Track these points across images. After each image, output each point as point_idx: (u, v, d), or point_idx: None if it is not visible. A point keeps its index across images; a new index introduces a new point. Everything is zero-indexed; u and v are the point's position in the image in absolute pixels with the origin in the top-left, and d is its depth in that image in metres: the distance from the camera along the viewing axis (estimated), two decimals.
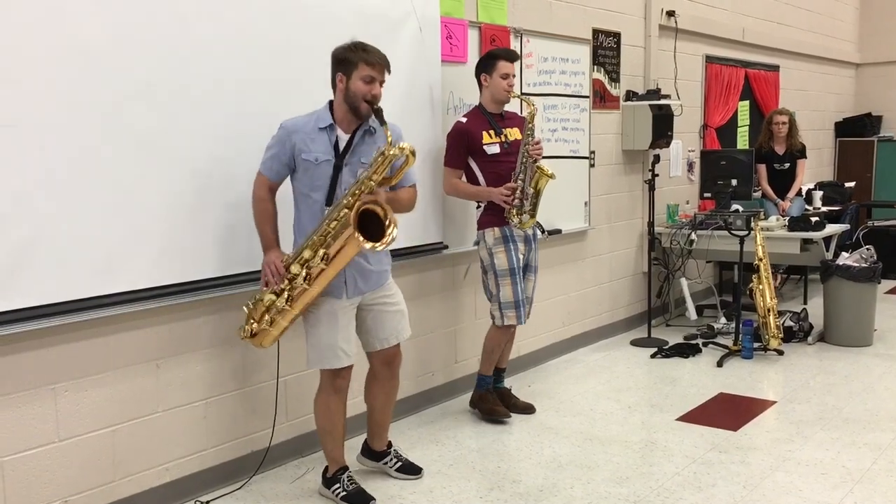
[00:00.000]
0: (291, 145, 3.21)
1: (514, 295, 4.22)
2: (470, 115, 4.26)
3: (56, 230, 2.91)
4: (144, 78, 3.14)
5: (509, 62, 4.20)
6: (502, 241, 4.21)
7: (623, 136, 6.16)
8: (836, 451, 3.90)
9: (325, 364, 3.32)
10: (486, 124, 4.21)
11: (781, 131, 7.13)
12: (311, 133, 3.23)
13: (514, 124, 4.32)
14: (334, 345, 3.29)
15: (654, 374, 5.24)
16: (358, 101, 3.19)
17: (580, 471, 3.73)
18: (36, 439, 2.98)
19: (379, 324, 3.45)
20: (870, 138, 10.07)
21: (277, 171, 3.26)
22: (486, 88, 4.24)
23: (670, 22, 6.51)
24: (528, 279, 4.37)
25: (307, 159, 3.21)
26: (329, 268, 3.13)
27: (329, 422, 3.41)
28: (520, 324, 4.31)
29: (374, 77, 3.19)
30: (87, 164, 2.98)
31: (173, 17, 3.22)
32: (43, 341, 2.97)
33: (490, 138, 4.19)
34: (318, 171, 3.22)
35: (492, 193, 4.15)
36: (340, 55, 3.24)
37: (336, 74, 3.25)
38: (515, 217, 4.14)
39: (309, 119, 3.27)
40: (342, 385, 3.39)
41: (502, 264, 4.20)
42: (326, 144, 3.23)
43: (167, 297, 3.28)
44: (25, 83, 2.81)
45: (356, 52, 3.20)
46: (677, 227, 6.30)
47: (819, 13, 9.40)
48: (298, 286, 3.16)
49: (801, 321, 5.95)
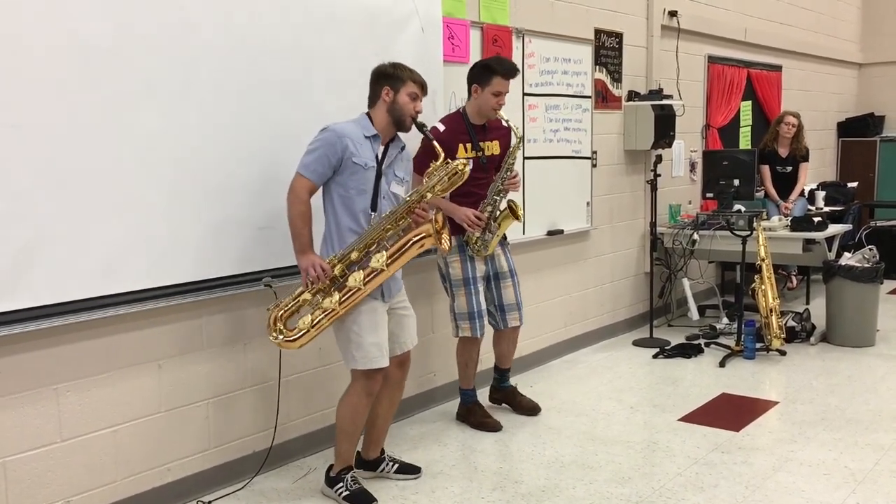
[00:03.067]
0: (343, 147, 3.25)
1: (468, 306, 4.12)
2: (449, 122, 4.06)
3: (58, 230, 2.91)
4: (146, 78, 3.14)
5: (505, 80, 3.99)
6: (457, 250, 4.08)
7: (625, 137, 6.16)
8: (839, 452, 3.90)
9: (372, 363, 3.33)
10: (465, 136, 4.04)
11: (789, 133, 7.11)
12: (359, 139, 3.31)
13: (496, 137, 4.16)
14: (379, 343, 3.34)
15: (656, 375, 5.24)
16: (404, 115, 3.36)
17: (582, 471, 3.73)
18: (38, 439, 2.98)
19: (400, 328, 3.53)
20: (872, 138, 10.06)
21: (321, 174, 3.27)
22: (474, 99, 4.04)
23: (672, 22, 6.51)
24: (506, 286, 4.25)
25: (357, 163, 3.27)
26: (389, 269, 3.24)
27: (352, 424, 3.42)
28: (474, 336, 4.15)
29: (417, 94, 3.38)
30: (89, 165, 2.98)
31: (176, 17, 3.22)
32: (45, 341, 2.97)
33: (465, 153, 4.02)
34: (365, 176, 3.30)
35: (457, 212, 3.96)
36: (388, 71, 3.39)
37: (382, 88, 3.36)
38: (473, 244, 4.06)
39: (353, 125, 3.34)
40: (374, 388, 3.40)
41: (457, 274, 4.12)
42: (370, 152, 3.33)
43: (169, 298, 3.28)
44: (27, 83, 2.81)
45: (404, 70, 3.39)
46: (679, 228, 6.29)
47: (821, 13, 9.39)
48: (354, 286, 3.21)
49: (804, 321, 5.95)
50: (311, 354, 3.92)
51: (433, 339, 4.63)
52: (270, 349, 3.64)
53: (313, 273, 3.22)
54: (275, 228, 3.58)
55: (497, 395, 4.58)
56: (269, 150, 3.56)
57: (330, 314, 3.24)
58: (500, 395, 4.57)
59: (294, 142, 3.56)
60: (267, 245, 3.59)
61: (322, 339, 3.86)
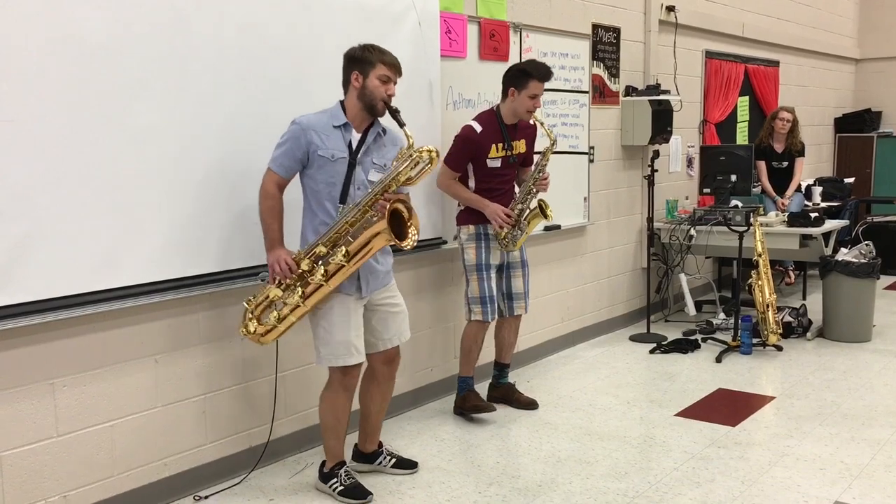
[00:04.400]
0: (307, 141, 3.21)
1: (480, 291, 4.23)
2: (484, 122, 4.17)
3: (54, 225, 2.90)
4: (143, 73, 3.13)
5: (541, 83, 4.10)
6: (474, 237, 4.22)
7: (622, 132, 6.15)
8: (835, 447, 3.90)
9: (339, 361, 3.31)
10: (499, 136, 4.17)
11: (784, 128, 7.13)
12: (326, 130, 3.23)
13: (524, 135, 4.29)
14: (348, 341, 3.29)
15: (653, 370, 5.25)
16: (375, 99, 3.22)
17: (579, 466, 3.73)
18: (35, 434, 2.98)
19: (384, 324, 3.46)
20: (869, 134, 10.07)
21: (289, 168, 3.25)
22: (511, 101, 4.15)
23: (670, 17, 6.50)
24: (516, 275, 4.38)
25: (323, 155, 3.21)
26: (349, 265, 3.15)
27: (334, 419, 3.41)
28: (486, 321, 4.26)
29: (389, 77, 3.24)
30: (85, 160, 2.98)
31: (173, 12, 3.21)
32: (42, 336, 2.96)
33: (496, 152, 4.16)
34: (333, 168, 3.23)
35: (487, 209, 4.13)
36: (357, 54, 3.26)
37: (351, 73, 3.25)
38: (502, 239, 4.18)
39: (322, 116, 3.27)
40: (351, 384, 3.38)
41: (471, 260, 4.23)
42: (341, 142, 3.24)
43: (166, 293, 3.28)
44: (24, 78, 2.80)
45: (373, 52, 3.24)
46: (676, 223, 6.30)
47: (819, 9, 9.39)
48: (315, 282, 3.16)
49: (800, 317, 5.96)
50: (307, 349, 3.90)
51: (431, 334, 4.63)
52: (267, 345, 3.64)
53: (278, 269, 3.19)
54: None
55: (495, 393, 4.58)
56: (265, 146, 3.54)
57: (296, 310, 3.21)
58: (498, 393, 4.58)
59: None
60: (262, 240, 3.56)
61: None
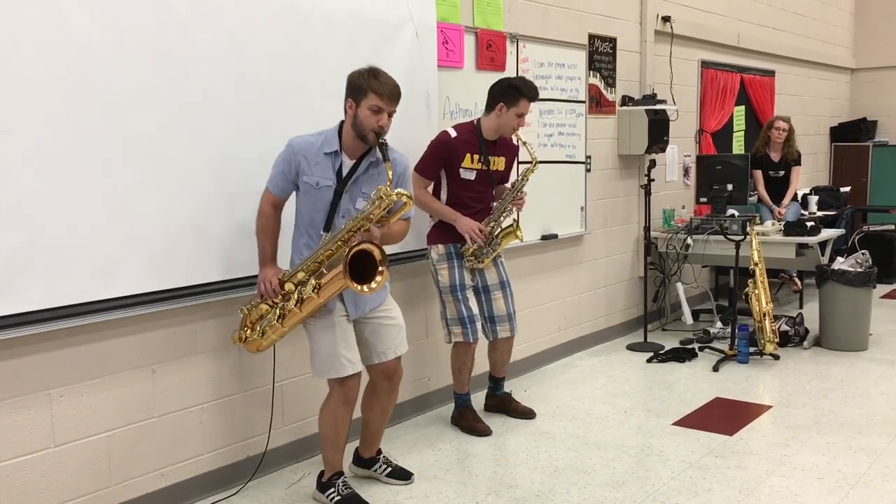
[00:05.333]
0: (296, 164, 3.22)
1: (458, 312, 4.11)
2: (462, 130, 4.08)
3: (52, 235, 2.91)
4: (142, 82, 3.14)
5: (529, 103, 4.06)
6: (446, 258, 4.11)
7: (619, 141, 6.17)
8: (832, 456, 3.91)
9: (330, 373, 3.32)
10: (475, 147, 4.06)
11: (780, 137, 7.16)
12: (316, 156, 3.21)
13: (503, 153, 4.20)
14: (335, 353, 3.29)
15: (650, 379, 5.25)
16: (365, 129, 3.17)
17: (576, 475, 3.73)
18: (31, 445, 2.98)
19: (377, 337, 3.44)
20: (865, 143, 10.10)
21: (283, 189, 3.27)
22: (496, 116, 4.05)
23: (666, 27, 6.53)
24: (496, 297, 4.25)
25: (308, 182, 3.22)
26: (318, 297, 3.17)
27: (333, 431, 3.40)
28: (466, 341, 4.15)
29: (381, 108, 3.15)
30: (83, 169, 2.98)
31: (171, 21, 3.22)
32: (39, 346, 2.96)
33: (471, 163, 4.05)
34: (317, 195, 3.23)
35: (459, 222, 4.02)
36: (353, 81, 3.20)
37: (347, 100, 3.22)
38: (471, 257, 4.09)
39: (316, 140, 3.24)
40: (351, 396, 3.36)
41: (445, 281, 4.12)
42: (329, 170, 3.22)
43: (163, 303, 3.28)
44: (22, 88, 2.80)
45: (367, 79, 3.16)
46: (673, 232, 6.31)
47: (814, 18, 9.43)
48: (290, 307, 3.19)
49: (797, 326, 5.96)
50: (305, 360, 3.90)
51: (428, 344, 4.63)
52: (265, 354, 3.64)
53: (263, 288, 3.24)
54: None
55: (492, 403, 4.58)
56: (263, 155, 3.55)
57: (275, 329, 3.27)
58: (494, 403, 4.57)
59: None
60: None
61: None
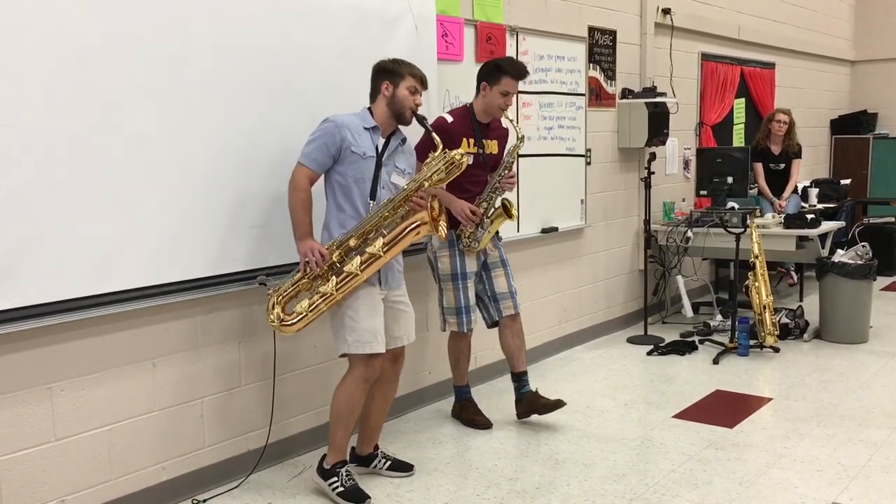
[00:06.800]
0: (341, 137, 3.34)
1: (455, 301, 4.10)
2: (457, 115, 4.08)
3: (52, 229, 2.90)
4: (140, 77, 3.13)
5: (514, 80, 4.01)
6: (447, 244, 4.06)
7: (619, 134, 6.16)
8: (832, 448, 3.91)
9: (366, 348, 3.35)
10: (470, 131, 4.05)
11: (780, 130, 7.15)
12: (358, 129, 3.39)
13: (496, 137, 4.18)
14: (374, 329, 3.36)
15: (651, 372, 5.25)
16: (404, 108, 3.43)
17: (577, 468, 3.74)
18: (32, 439, 2.98)
19: (395, 322, 3.54)
20: (865, 135, 10.09)
21: (321, 163, 3.36)
22: (482, 97, 4.05)
23: (666, 20, 6.52)
24: (497, 275, 4.20)
25: (356, 152, 3.36)
26: (386, 255, 3.30)
27: (348, 410, 3.42)
28: (461, 331, 4.14)
29: (417, 88, 3.45)
30: (83, 164, 2.98)
31: (170, 16, 3.21)
32: (39, 340, 2.96)
33: (467, 147, 4.02)
34: (364, 165, 3.38)
35: (454, 203, 3.94)
36: (387, 66, 3.46)
37: (382, 82, 3.44)
38: (466, 239, 4.05)
39: (353, 118, 3.42)
40: (372, 375, 3.42)
41: (445, 269, 4.09)
42: (370, 142, 3.41)
43: (163, 296, 3.28)
44: (22, 83, 2.80)
45: (403, 65, 3.46)
46: (673, 225, 6.31)
47: (815, 10, 9.41)
48: (350, 271, 3.25)
49: (797, 318, 5.97)
50: (306, 351, 3.92)
51: (428, 337, 4.63)
52: (265, 347, 3.65)
53: (311, 258, 3.27)
54: (267, 227, 3.59)
55: (522, 409, 4.25)
56: (262, 149, 3.56)
57: (327, 298, 3.29)
58: (524, 408, 4.24)
59: (286, 141, 3.57)
60: (260, 243, 3.59)
61: (317, 336, 3.87)
